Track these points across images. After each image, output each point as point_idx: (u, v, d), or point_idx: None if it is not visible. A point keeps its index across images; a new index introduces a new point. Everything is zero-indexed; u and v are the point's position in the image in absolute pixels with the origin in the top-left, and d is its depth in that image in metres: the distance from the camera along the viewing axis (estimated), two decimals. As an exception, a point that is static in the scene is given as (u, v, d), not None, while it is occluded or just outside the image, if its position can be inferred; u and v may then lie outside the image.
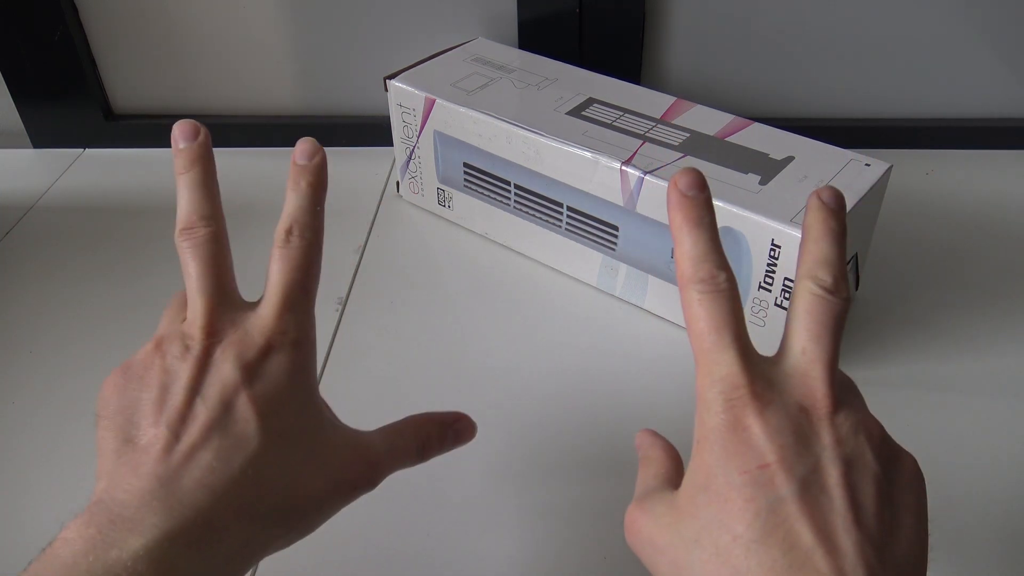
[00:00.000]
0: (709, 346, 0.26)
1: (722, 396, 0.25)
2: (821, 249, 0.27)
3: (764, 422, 0.25)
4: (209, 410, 0.27)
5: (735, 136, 0.51)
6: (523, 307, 0.53)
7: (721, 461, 0.25)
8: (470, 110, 0.53)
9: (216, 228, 0.31)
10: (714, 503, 0.24)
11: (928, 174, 0.65)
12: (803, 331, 0.26)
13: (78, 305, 0.54)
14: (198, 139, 0.34)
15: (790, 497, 0.24)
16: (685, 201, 0.27)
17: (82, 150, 0.71)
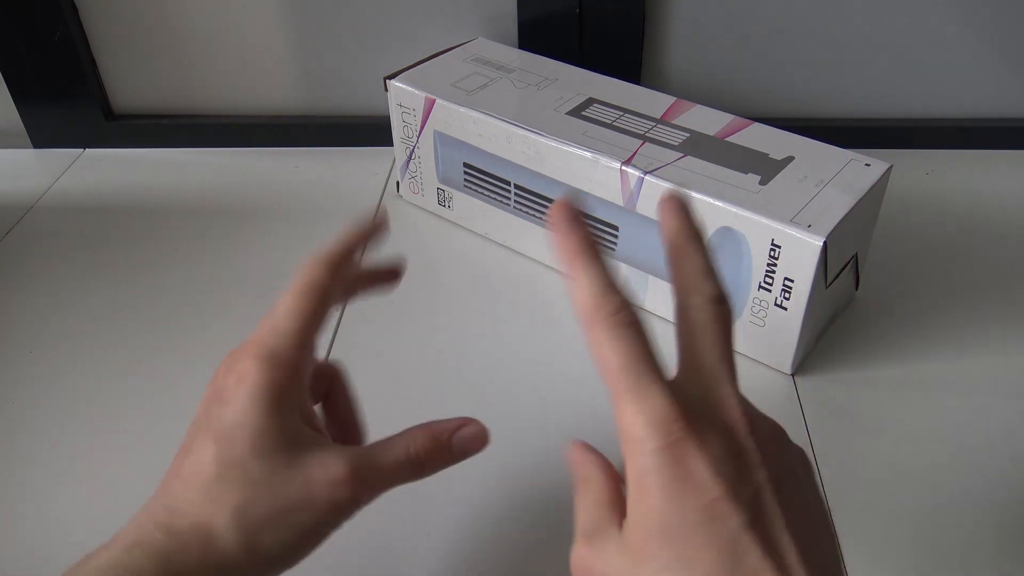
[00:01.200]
0: (631, 384, 0.25)
1: (659, 434, 0.24)
2: (694, 260, 0.27)
3: (706, 455, 0.24)
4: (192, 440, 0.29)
5: (735, 136, 0.51)
6: (523, 307, 0.53)
7: (671, 502, 0.24)
8: (470, 110, 0.53)
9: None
10: (673, 545, 0.24)
11: (928, 174, 0.65)
12: (706, 350, 0.26)
13: (78, 305, 0.54)
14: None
15: (744, 528, 0.24)
16: (567, 236, 0.27)
17: (82, 150, 0.71)
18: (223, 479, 0.27)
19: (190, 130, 0.70)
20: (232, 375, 0.29)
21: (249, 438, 0.28)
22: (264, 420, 0.28)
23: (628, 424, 0.25)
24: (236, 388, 0.28)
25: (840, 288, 0.49)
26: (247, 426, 0.28)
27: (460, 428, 0.31)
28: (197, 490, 0.28)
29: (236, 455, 0.28)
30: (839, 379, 0.47)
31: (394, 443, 0.30)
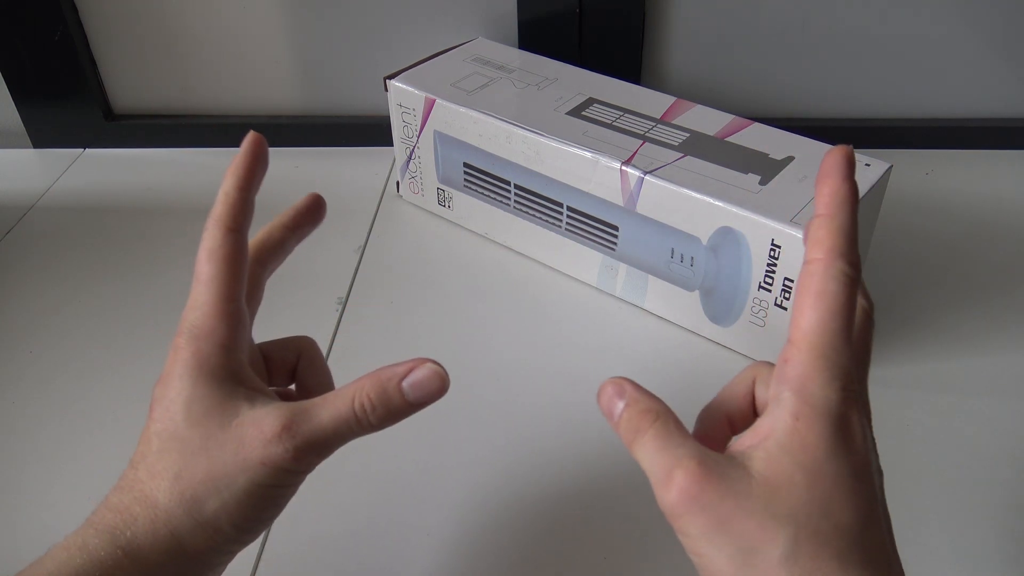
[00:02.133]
0: (835, 333, 0.25)
1: (840, 383, 0.25)
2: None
3: (860, 419, 0.25)
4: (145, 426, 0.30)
5: (735, 136, 0.51)
6: (523, 307, 0.53)
7: (832, 448, 0.24)
8: (470, 110, 0.53)
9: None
10: (817, 486, 0.24)
11: (927, 174, 0.65)
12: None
13: (78, 305, 0.54)
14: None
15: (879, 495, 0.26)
16: (850, 180, 0.27)
17: (82, 150, 0.71)
18: (162, 451, 0.28)
19: (190, 130, 0.70)
20: (168, 357, 0.30)
21: (182, 409, 0.28)
22: (193, 390, 0.28)
23: (808, 362, 0.25)
24: (170, 367, 0.29)
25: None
26: (178, 398, 0.28)
27: (411, 371, 0.28)
28: (140, 467, 0.29)
29: (172, 427, 0.28)
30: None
31: (338, 395, 0.28)
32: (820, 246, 0.26)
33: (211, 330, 0.29)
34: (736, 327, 0.48)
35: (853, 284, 0.25)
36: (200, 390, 0.28)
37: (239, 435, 0.28)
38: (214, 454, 0.28)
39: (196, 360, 0.29)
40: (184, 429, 0.28)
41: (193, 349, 0.29)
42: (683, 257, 0.48)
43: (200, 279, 0.30)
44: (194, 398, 0.28)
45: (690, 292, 0.49)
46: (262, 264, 0.35)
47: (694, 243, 0.47)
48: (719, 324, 0.49)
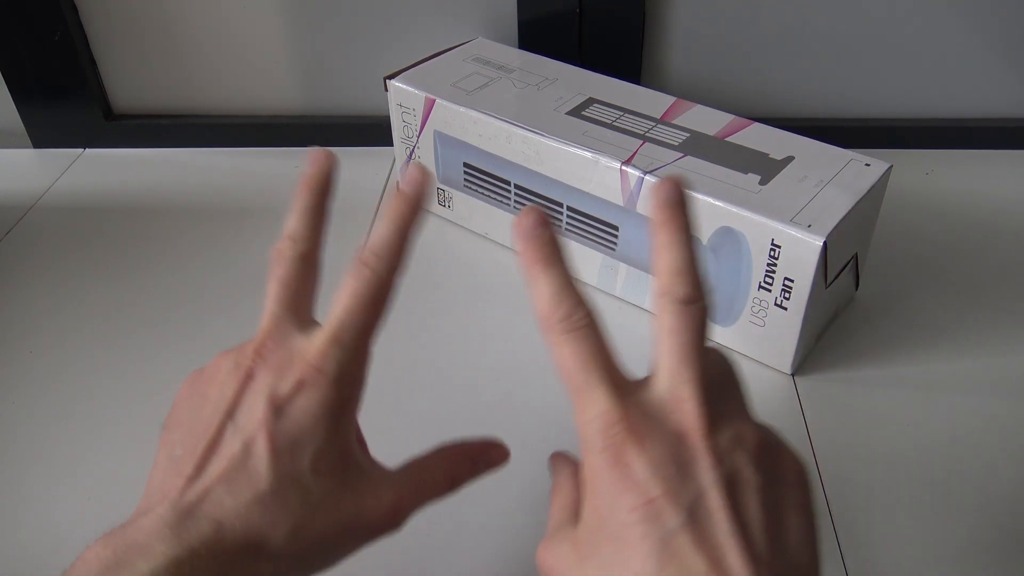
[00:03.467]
0: (580, 385, 0.26)
1: (600, 434, 0.25)
2: (670, 257, 0.27)
3: (645, 456, 0.25)
4: (233, 442, 0.27)
5: (735, 136, 0.51)
6: (523, 307, 0.53)
7: (609, 501, 0.25)
8: (470, 110, 0.53)
9: (304, 249, 0.30)
10: (609, 543, 0.25)
11: (927, 174, 0.65)
12: (669, 353, 0.26)
13: (78, 305, 0.54)
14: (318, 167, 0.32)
15: (679, 528, 0.24)
16: (529, 244, 0.27)
17: (82, 150, 0.71)
18: (280, 496, 0.26)
19: (190, 130, 0.70)
20: (286, 380, 0.27)
21: (311, 456, 0.27)
22: (327, 439, 0.27)
23: (578, 425, 0.26)
24: (298, 398, 0.27)
25: (840, 288, 0.49)
26: (310, 444, 0.27)
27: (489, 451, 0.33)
28: (250, 504, 0.26)
29: (296, 471, 0.27)
30: (839, 379, 0.47)
31: (432, 466, 0.31)
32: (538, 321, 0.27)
33: (358, 378, 0.29)
34: (736, 327, 0.48)
35: (571, 335, 0.27)
36: (334, 440, 0.28)
37: (356, 503, 0.28)
38: (331, 513, 0.27)
39: (338, 408, 0.28)
40: (309, 478, 0.27)
41: (338, 393, 0.28)
42: (683, 257, 0.48)
43: (355, 314, 0.28)
44: (326, 450, 0.27)
45: (690, 292, 0.49)
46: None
47: (694, 243, 0.47)
48: (719, 324, 0.49)
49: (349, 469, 0.28)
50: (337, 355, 0.28)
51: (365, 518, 0.28)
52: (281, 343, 0.29)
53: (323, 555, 0.28)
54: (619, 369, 0.27)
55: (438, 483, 0.31)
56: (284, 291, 0.30)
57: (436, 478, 0.31)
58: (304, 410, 0.27)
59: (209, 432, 0.27)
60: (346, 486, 0.28)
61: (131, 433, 0.45)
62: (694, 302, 0.27)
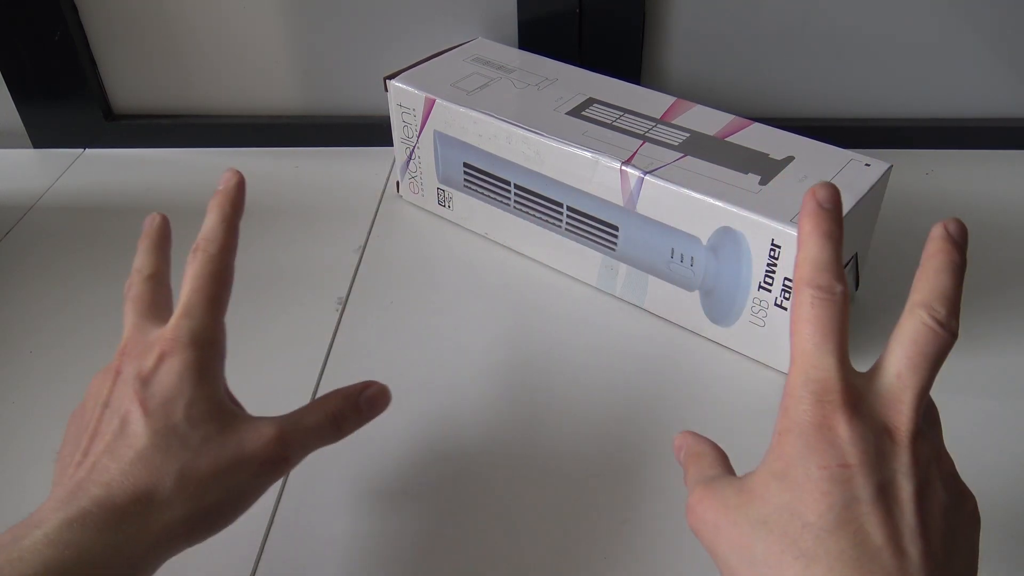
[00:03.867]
0: (811, 348, 0.27)
1: (814, 395, 0.26)
2: (942, 282, 0.28)
3: (851, 427, 0.26)
4: (112, 421, 0.30)
5: (735, 136, 0.51)
6: (523, 307, 0.53)
7: (802, 454, 0.26)
8: (470, 110, 0.53)
9: (149, 272, 0.36)
10: (788, 491, 0.26)
11: (927, 174, 0.65)
12: (904, 357, 0.27)
13: (78, 305, 0.54)
14: (155, 225, 0.38)
15: (866, 498, 0.25)
16: (820, 212, 0.29)
17: (82, 150, 0.71)
18: (160, 448, 0.29)
19: (190, 130, 0.70)
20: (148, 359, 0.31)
21: (183, 408, 0.30)
22: (194, 392, 0.31)
23: (793, 383, 0.27)
24: (162, 366, 0.31)
25: (840, 288, 0.49)
26: (179, 397, 0.30)
27: (365, 389, 0.35)
28: (133, 461, 0.29)
29: (171, 424, 0.30)
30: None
31: (313, 407, 0.34)
32: (795, 278, 0.29)
33: (214, 340, 0.32)
34: (736, 327, 0.48)
35: (824, 301, 0.27)
36: (201, 392, 0.31)
37: (238, 439, 0.31)
38: (216, 452, 0.30)
39: (199, 364, 0.31)
40: (185, 427, 0.30)
41: (196, 353, 0.31)
42: (683, 257, 0.48)
43: (197, 291, 0.32)
44: (196, 399, 0.31)
45: (690, 292, 0.49)
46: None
47: (694, 243, 0.47)
48: (719, 324, 0.49)
49: (224, 415, 0.31)
50: (188, 324, 0.32)
51: (249, 450, 0.31)
52: (141, 339, 0.32)
53: (219, 493, 0.30)
54: (848, 354, 0.28)
55: (321, 424, 0.33)
56: (138, 305, 0.34)
57: (316, 419, 0.33)
58: (168, 373, 0.31)
59: (90, 426, 0.31)
60: (225, 428, 0.31)
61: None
62: (948, 329, 0.28)
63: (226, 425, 0.31)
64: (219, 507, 0.30)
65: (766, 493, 0.26)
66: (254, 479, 0.31)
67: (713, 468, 0.30)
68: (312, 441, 0.33)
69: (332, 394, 0.34)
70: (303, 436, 0.33)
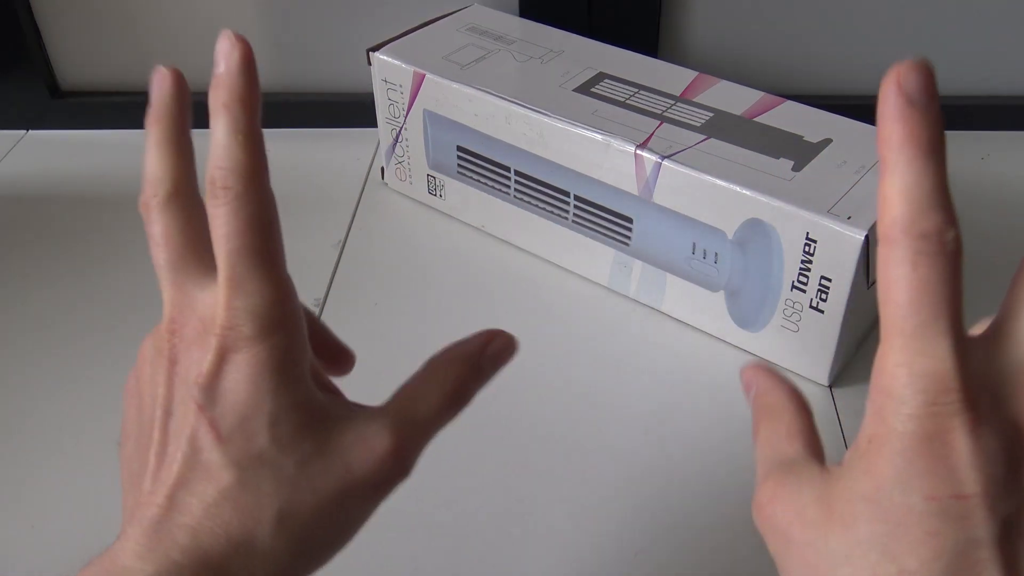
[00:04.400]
0: (916, 327, 0.22)
1: (924, 397, 0.22)
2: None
3: (974, 444, 0.22)
4: (178, 442, 0.26)
5: (765, 116, 0.51)
6: (524, 309, 0.53)
7: (903, 476, 0.22)
8: (464, 86, 0.53)
9: (170, 188, 0.28)
10: (881, 522, 0.22)
11: (984, 159, 0.65)
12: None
13: (20, 307, 0.54)
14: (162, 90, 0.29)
15: (987, 541, 0.21)
16: (913, 113, 0.22)
17: (25, 132, 0.71)
18: (248, 485, 0.26)
19: (147, 109, 0.70)
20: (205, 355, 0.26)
21: (266, 429, 0.26)
22: (276, 403, 0.26)
23: (889, 374, 0.23)
24: (226, 370, 0.26)
25: (884, 288, 0.49)
26: (259, 416, 0.26)
27: (488, 343, 0.31)
28: (218, 502, 0.26)
29: (255, 453, 0.26)
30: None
31: (427, 388, 0.30)
32: (880, 221, 0.23)
33: (285, 318, 0.27)
34: (766, 332, 0.48)
35: (931, 257, 0.22)
36: (285, 400, 0.26)
37: (344, 459, 0.27)
38: (318, 484, 0.26)
39: (274, 360, 0.26)
40: (273, 455, 0.26)
41: (266, 345, 0.26)
42: (706, 253, 0.48)
43: (238, 251, 0.26)
44: (280, 415, 0.26)
45: (714, 293, 0.49)
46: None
47: (718, 237, 0.47)
48: (747, 329, 0.49)
49: (320, 426, 0.27)
50: (243, 304, 0.26)
51: (361, 473, 0.27)
52: (189, 310, 0.27)
53: (330, 530, 0.27)
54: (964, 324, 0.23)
55: (441, 406, 0.29)
56: (168, 248, 0.28)
57: (436, 401, 0.29)
58: (237, 382, 0.26)
59: (154, 437, 0.27)
60: (324, 445, 0.27)
61: (81, 452, 0.45)
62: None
63: (325, 440, 0.27)
64: (327, 542, 0.27)
65: (850, 517, 0.23)
66: (367, 503, 0.28)
67: (792, 441, 0.27)
68: (432, 434, 0.29)
69: (446, 359, 0.30)
70: (423, 435, 0.29)
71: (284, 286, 0.27)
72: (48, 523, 0.42)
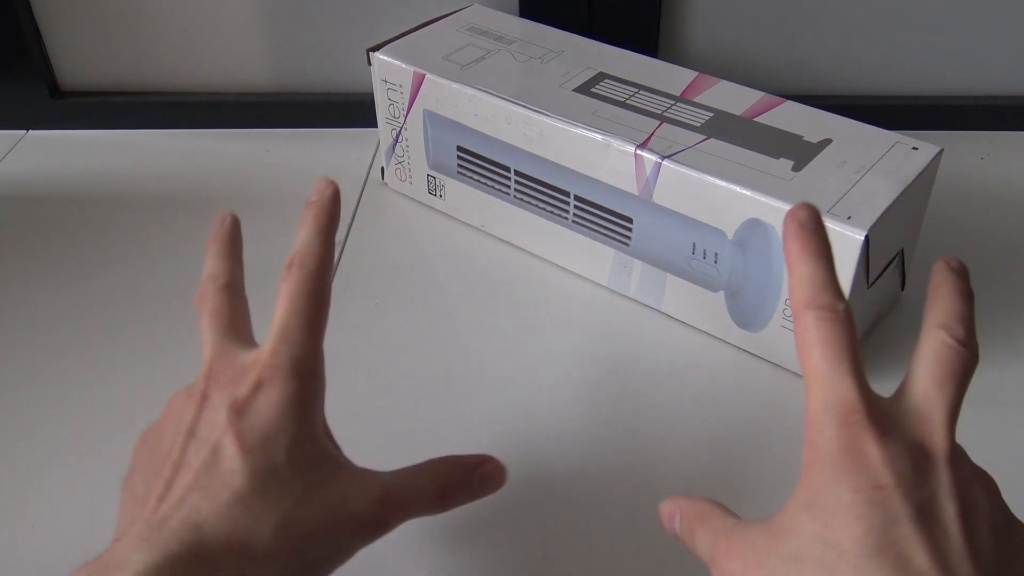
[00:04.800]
0: (825, 371, 0.28)
1: (837, 419, 0.27)
2: (954, 305, 0.29)
3: (882, 447, 0.26)
4: (200, 452, 0.29)
5: (765, 116, 0.51)
6: (524, 310, 0.53)
7: (831, 480, 0.27)
8: (464, 86, 0.53)
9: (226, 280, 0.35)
10: (819, 519, 0.26)
11: (984, 159, 0.65)
12: (928, 376, 0.29)
13: (20, 310, 0.54)
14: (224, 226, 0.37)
15: (905, 519, 0.25)
16: (804, 233, 0.30)
17: (24, 132, 0.71)
18: (260, 492, 0.29)
19: (147, 109, 0.70)
20: (243, 385, 0.30)
21: (285, 449, 0.29)
22: (298, 431, 0.30)
23: (813, 410, 0.28)
24: (260, 396, 0.30)
25: (884, 288, 0.49)
26: (281, 437, 0.30)
27: (481, 465, 0.35)
28: (230, 503, 0.28)
29: (272, 466, 0.29)
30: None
31: (420, 472, 0.33)
32: (792, 303, 0.30)
33: (316, 370, 0.32)
34: (766, 332, 0.48)
35: (828, 321, 0.28)
36: (304, 432, 0.30)
37: (343, 494, 0.30)
38: (319, 505, 0.30)
39: (301, 398, 0.30)
40: (287, 472, 0.29)
41: (299, 384, 0.30)
42: (706, 253, 0.48)
43: (296, 312, 0.32)
44: (299, 441, 0.30)
45: (714, 293, 0.49)
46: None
47: (718, 237, 0.47)
48: (747, 329, 0.49)
49: (327, 461, 0.31)
50: (288, 350, 0.31)
51: (352, 508, 0.30)
52: (229, 362, 0.32)
53: (319, 550, 0.30)
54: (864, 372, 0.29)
55: (426, 490, 0.33)
56: (218, 319, 0.33)
57: (424, 484, 0.33)
58: (268, 406, 0.30)
59: (173, 455, 0.30)
60: (329, 478, 0.30)
61: (82, 452, 0.45)
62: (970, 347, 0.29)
63: (330, 475, 0.31)
64: (315, 565, 0.30)
65: (795, 526, 0.27)
66: (352, 540, 0.31)
67: (725, 519, 0.31)
68: (414, 509, 0.33)
69: (445, 461, 0.34)
70: (407, 501, 0.32)
71: (320, 349, 0.32)
72: (48, 523, 0.42)
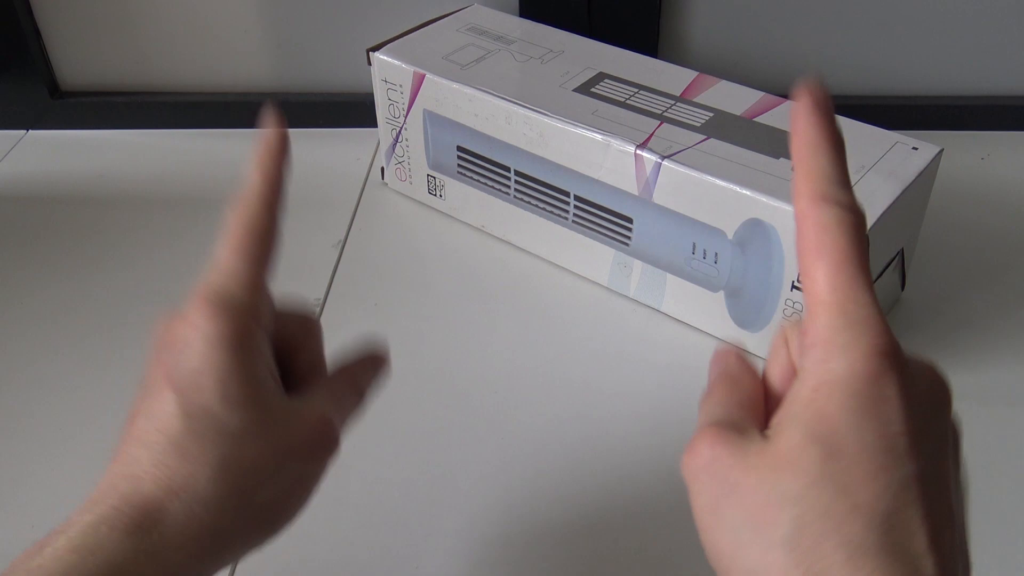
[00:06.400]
0: (848, 280, 0.25)
1: (866, 341, 0.24)
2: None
3: (909, 384, 0.24)
4: (144, 399, 0.29)
5: (765, 116, 0.51)
6: (524, 310, 0.53)
7: (854, 415, 0.23)
8: (464, 86, 0.53)
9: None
10: (836, 460, 0.23)
11: (983, 159, 0.65)
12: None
13: (20, 307, 0.54)
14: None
15: (914, 476, 0.23)
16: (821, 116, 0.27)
17: (25, 132, 0.71)
18: (195, 433, 0.28)
19: (147, 109, 0.70)
20: (183, 324, 0.29)
21: (215, 384, 0.28)
22: (228, 364, 0.28)
23: (824, 324, 0.25)
24: (191, 334, 0.28)
25: (884, 288, 0.49)
26: (210, 371, 0.28)
27: (373, 355, 0.35)
28: (164, 450, 0.28)
29: (203, 404, 0.28)
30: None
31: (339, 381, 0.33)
32: (801, 198, 0.26)
33: (249, 304, 0.30)
34: (766, 332, 0.48)
35: (852, 224, 0.25)
36: (235, 365, 0.28)
37: (283, 424, 0.29)
38: (259, 442, 0.29)
39: (231, 332, 0.28)
40: (220, 408, 0.28)
41: (227, 319, 0.29)
42: (706, 253, 0.48)
43: (227, 244, 0.30)
44: (230, 374, 0.28)
45: (714, 293, 0.49)
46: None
47: (718, 237, 0.47)
48: (747, 329, 0.49)
49: (263, 397, 0.29)
50: (217, 282, 0.29)
51: (298, 438, 0.29)
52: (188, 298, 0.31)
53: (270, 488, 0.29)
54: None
55: (349, 395, 0.33)
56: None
57: (346, 390, 0.33)
58: (198, 342, 0.28)
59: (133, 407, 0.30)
60: (267, 415, 0.29)
61: (82, 452, 0.45)
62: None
63: (268, 411, 0.29)
64: (273, 505, 0.29)
65: (804, 460, 0.24)
66: (305, 467, 0.30)
67: (742, 409, 0.27)
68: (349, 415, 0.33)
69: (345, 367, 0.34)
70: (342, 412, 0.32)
71: (259, 282, 0.31)
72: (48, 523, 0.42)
